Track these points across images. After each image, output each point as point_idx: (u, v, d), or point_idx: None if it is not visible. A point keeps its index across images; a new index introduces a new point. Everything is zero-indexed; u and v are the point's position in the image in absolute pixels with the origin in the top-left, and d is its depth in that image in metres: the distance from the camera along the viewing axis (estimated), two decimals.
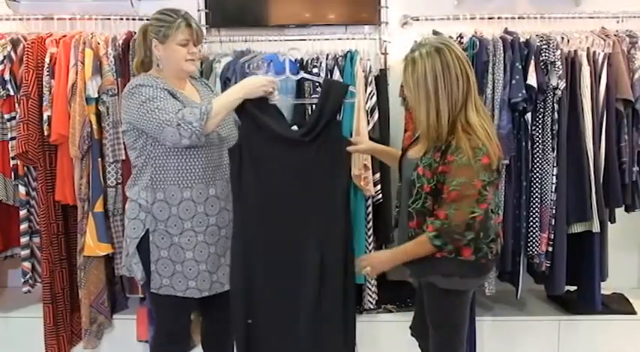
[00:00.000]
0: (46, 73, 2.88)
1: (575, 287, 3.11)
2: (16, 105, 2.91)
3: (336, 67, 2.96)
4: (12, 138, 2.94)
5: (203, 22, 3.23)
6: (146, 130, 2.24)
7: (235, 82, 2.87)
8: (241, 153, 2.29)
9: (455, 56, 2.06)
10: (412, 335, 2.48)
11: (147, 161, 2.30)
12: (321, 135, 2.29)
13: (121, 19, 3.09)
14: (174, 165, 2.28)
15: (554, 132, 2.85)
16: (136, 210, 2.33)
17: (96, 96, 2.86)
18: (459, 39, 2.87)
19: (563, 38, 2.92)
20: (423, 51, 2.08)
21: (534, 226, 2.91)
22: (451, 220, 2.06)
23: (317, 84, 2.90)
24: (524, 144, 2.87)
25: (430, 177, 2.09)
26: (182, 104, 2.26)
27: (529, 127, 2.87)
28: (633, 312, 3.17)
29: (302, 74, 2.68)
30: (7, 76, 2.89)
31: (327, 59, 3.00)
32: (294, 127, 2.43)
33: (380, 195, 2.98)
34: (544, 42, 2.83)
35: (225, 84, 2.91)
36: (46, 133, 2.87)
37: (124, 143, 2.88)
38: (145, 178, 2.30)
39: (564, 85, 2.81)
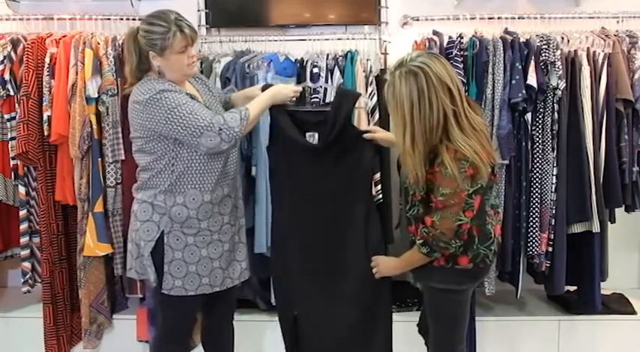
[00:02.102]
0: (46, 73, 2.88)
1: (575, 287, 3.11)
2: (16, 105, 2.91)
3: (336, 67, 2.96)
4: (12, 138, 2.94)
5: (203, 22, 3.24)
6: (177, 136, 2.21)
7: (235, 82, 2.89)
8: (274, 157, 2.53)
9: (431, 83, 2.03)
10: (419, 332, 2.51)
11: (167, 166, 2.27)
12: (337, 140, 2.40)
13: (121, 19, 3.09)
14: (196, 169, 2.29)
15: (554, 132, 2.85)
16: (149, 212, 2.31)
17: (96, 96, 2.86)
18: (458, 39, 2.86)
19: (563, 38, 2.92)
20: (402, 72, 2.06)
21: (534, 226, 2.91)
22: (437, 227, 2.10)
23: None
24: (524, 144, 2.87)
25: (421, 186, 2.13)
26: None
27: (529, 127, 2.87)
28: (633, 312, 3.17)
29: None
30: (7, 76, 2.89)
31: (327, 59, 3.00)
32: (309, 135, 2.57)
33: (380, 195, 2.97)
34: (544, 42, 2.83)
35: (225, 84, 2.91)
36: (46, 133, 2.87)
37: (124, 143, 2.90)
38: (165, 182, 2.29)
39: (564, 85, 2.81)
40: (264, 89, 2.50)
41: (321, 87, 2.89)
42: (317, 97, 2.87)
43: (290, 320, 2.57)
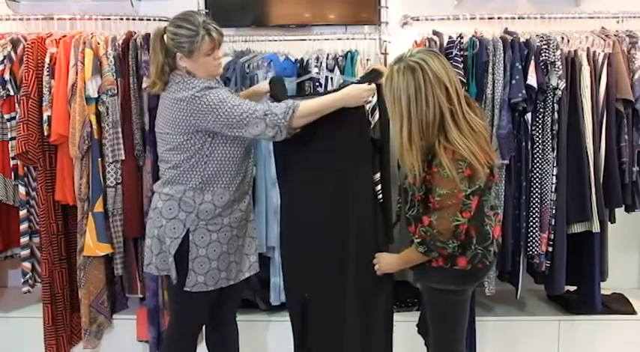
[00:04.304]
0: (46, 73, 2.88)
1: (575, 287, 3.11)
2: (16, 105, 2.91)
3: (336, 67, 2.96)
4: (12, 138, 2.94)
5: None
6: (223, 129, 2.25)
7: (235, 82, 2.89)
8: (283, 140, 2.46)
9: (428, 80, 2.04)
10: (419, 332, 2.52)
11: (199, 163, 2.30)
12: (347, 114, 2.43)
13: (121, 19, 3.08)
14: (228, 169, 2.33)
15: (554, 132, 2.85)
16: (175, 210, 2.32)
17: (96, 96, 2.85)
18: (458, 39, 2.86)
19: (563, 38, 2.92)
20: (401, 67, 2.08)
21: (534, 226, 2.91)
22: (434, 227, 2.11)
23: (317, 84, 2.92)
24: (524, 144, 2.87)
25: (420, 185, 2.14)
26: None
27: (529, 127, 2.87)
28: (633, 312, 3.18)
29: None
30: (7, 76, 2.89)
31: (327, 59, 3.00)
32: None
33: (380, 195, 2.97)
34: (544, 42, 2.83)
35: (225, 84, 2.90)
36: (45, 133, 2.87)
37: (124, 143, 2.90)
38: (196, 179, 2.31)
39: (564, 85, 2.81)
40: (270, 82, 2.54)
41: (322, 76, 2.91)
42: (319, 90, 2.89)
43: (299, 302, 2.60)
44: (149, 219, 2.43)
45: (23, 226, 3.00)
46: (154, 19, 3.09)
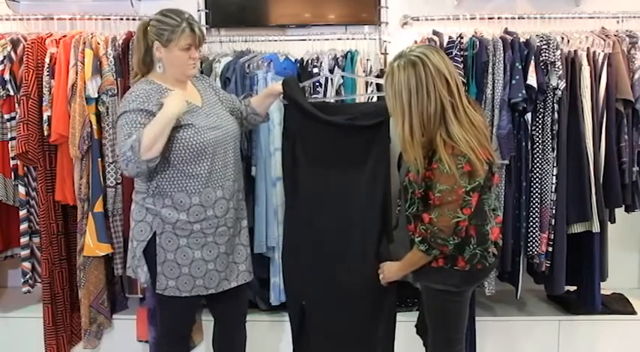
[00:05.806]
0: (46, 73, 2.88)
1: (575, 287, 3.11)
2: (16, 105, 2.91)
3: (336, 67, 2.96)
4: (12, 138, 2.94)
5: (203, 22, 3.23)
6: None
7: (235, 82, 2.89)
8: (294, 142, 2.55)
9: (429, 73, 2.05)
10: (417, 333, 2.51)
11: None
12: (369, 128, 2.46)
13: (121, 19, 3.09)
14: (176, 173, 2.28)
15: (554, 132, 2.85)
16: (143, 213, 2.33)
17: (96, 96, 2.86)
18: (458, 39, 2.86)
19: (563, 38, 2.92)
20: (402, 62, 2.08)
21: (534, 226, 2.91)
22: (434, 224, 2.11)
23: (317, 84, 2.92)
24: (524, 144, 2.87)
25: (420, 182, 2.13)
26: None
27: (529, 127, 2.87)
28: (633, 312, 3.17)
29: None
30: (7, 76, 2.89)
31: (327, 59, 3.00)
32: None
33: None
34: (544, 42, 2.83)
35: (225, 84, 2.91)
36: (45, 133, 2.87)
37: None
38: (152, 186, 2.30)
39: (564, 85, 2.81)
40: (284, 83, 2.53)
41: (322, 77, 2.91)
42: (317, 97, 2.87)
43: (298, 309, 2.60)
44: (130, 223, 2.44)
45: (23, 226, 3.00)
46: None
